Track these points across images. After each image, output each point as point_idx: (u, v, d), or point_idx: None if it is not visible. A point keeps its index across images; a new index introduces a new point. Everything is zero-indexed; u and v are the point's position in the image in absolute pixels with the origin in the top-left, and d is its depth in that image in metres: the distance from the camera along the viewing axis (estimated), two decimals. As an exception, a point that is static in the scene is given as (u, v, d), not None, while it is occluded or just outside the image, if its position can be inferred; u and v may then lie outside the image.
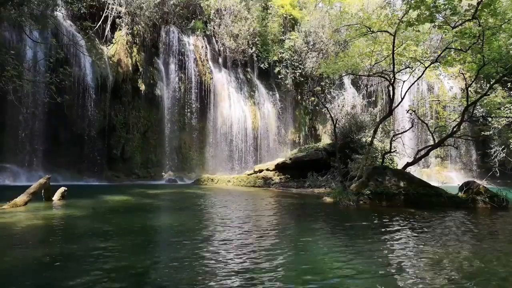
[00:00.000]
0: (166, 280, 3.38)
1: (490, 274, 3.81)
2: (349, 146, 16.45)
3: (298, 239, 5.34)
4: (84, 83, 17.87)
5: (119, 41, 20.02)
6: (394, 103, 13.44)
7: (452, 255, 4.49)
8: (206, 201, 10.62)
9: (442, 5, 10.09)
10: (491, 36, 10.22)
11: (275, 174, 17.50)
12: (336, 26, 21.00)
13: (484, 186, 10.08)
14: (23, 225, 5.89)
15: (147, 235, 5.59)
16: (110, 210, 8.08)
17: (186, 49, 22.46)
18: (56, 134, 17.32)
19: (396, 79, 12.52)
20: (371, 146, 13.28)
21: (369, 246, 4.86)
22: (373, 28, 12.04)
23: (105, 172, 18.60)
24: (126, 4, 20.14)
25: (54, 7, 15.24)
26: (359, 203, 9.52)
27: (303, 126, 27.58)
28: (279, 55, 25.79)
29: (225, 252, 4.40)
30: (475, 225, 7.12)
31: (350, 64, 14.46)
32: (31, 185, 8.25)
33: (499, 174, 19.63)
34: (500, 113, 15.82)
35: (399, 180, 10.15)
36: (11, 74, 11.73)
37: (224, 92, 23.68)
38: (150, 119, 21.17)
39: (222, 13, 24.05)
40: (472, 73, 14.32)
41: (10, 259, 4.02)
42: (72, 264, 3.80)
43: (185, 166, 22.00)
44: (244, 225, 6.51)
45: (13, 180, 15.14)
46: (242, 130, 23.68)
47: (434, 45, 20.78)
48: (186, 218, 7.23)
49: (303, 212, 8.67)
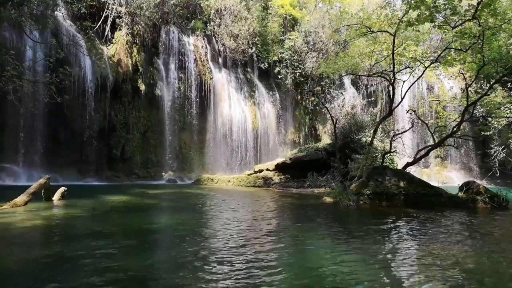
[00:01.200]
0: (166, 280, 3.38)
1: (490, 274, 3.81)
2: (349, 146, 16.44)
3: (298, 239, 5.34)
4: (84, 83, 17.86)
5: (119, 41, 20.02)
6: (394, 103, 13.43)
7: (452, 255, 4.48)
8: (206, 201, 10.62)
9: (442, 5, 10.09)
10: (491, 36, 10.22)
11: (275, 174, 17.49)
12: (336, 26, 20.98)
13: (484, 186, 10.08)
14: (23, 225, 5.89)
15: (147, 235, 5.58)
16: (110, 210, 8.08)
17: (186, 49, 22.45)
18: (56, 134, 17.32)
19: (396, 79, 12.51)
20: (371, 146, 13.27)
21: (369, 246, 4.85)
22: (373, 28, 12.03)
23: (105, 172, 18.59)
24: (126, 4, 20.13)
25: (54, 7, 15.23)
26: (359, 203, 9.52)
27: (303, 126, 27.57)
28: (279, 55, 25.78)
29: (225, 252, 4.39)
30: (475, 225, 7.13)
31: (350, 64, 14.45)
32: (31, 185, 8.25)
33: (499, 174, 19.63)
34: (500, 113, 15.81)
35: (399, 180, 10.15)
36: (11, 74, 11.72)
37: (224, 92, 23.67)
38: (150, 119, 21.16)
39: (222, 13, 24.05)
40: (472, 73, 14.32)
41: (10, 259, 4.01)
42: (72, 264, 3.80)
43: (185, 166, 21.99)
44: (244, 225, 6.51)
45: (13, 180, 15.13)
46: (242, 130, 23.67)
47: (434, 45, 20.78)
48: (186, 218, 7.22)
49: (303, 212, 8.67)
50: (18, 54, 14.19)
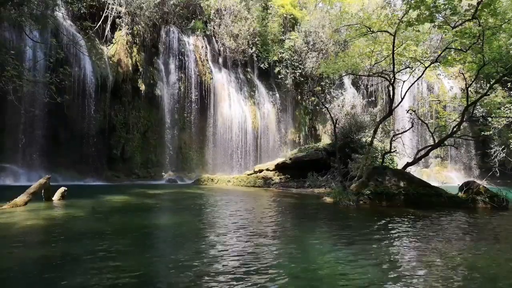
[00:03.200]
0: (167, 280, 3.38)
1: (490, 273, 3.81)
2: (349, 146, 16.44)
3: (298, 239, 5.34)
4: (84, 83, 17.85)
5: (119, 41, 20.02)
6: (394, 103, 13.43)
7: (452, 255, 4.49)
8: (206, 201, 10.62)
9: (442, 5, 10.09)
10: (491, 36, 10.22)
11: (275, 174, 17.50)
12: (336, 26, 21.00)
13: (484, 186, 10.08)
14: (23, 225, 5.89)
15: (147, 235, 5.59)
16: (110, 210, 8.08)
17: (186, 49, 22.45)
18: (56, 134, 17.30)
19: (396, 79, 12.52)
20: (371, 146, 13.27)
21: (368, 246, 4.85)
22: (373, 28, 12.04)
23: (105, 172, 18.58)
24: (126, 4, 20.13)
25: (54, 7, 15.22)
26: (359, 203, 9.52)
27: (303, 126, 27.57)
28: (279, 55, 25.78)
29: (225, 252, 4.39)
30: (475, 225, 7.13)
31: (350, 64, 14.46)
32: (31, 185, 8.25)
33: (499, 174, 19.64)
34: (500, 113, 15.82)
35: (399, 180, 10.15)
36: (11, 74, 11.71)
37: (224, 92, 23.67)
38: (150, 119, 21.16)
39: (222, 13, 24.04)
40: (472, 73, 14.33)
41: (10, 259, 4.01)
42: (72, 264, 3.80)
43: (185, 166, 21.99)
44: (244, 225, 6.51)
45: (13, 180, 15.12)
46: (242, 130, 23.67)
47: (434, 45, 20.79)
48: (186, 218, 7.22)
49: (303, 212, 8.67)
50: (18, 54, 14.18)
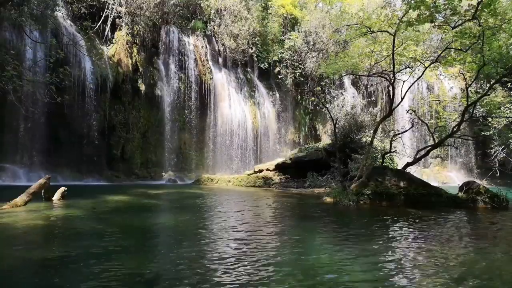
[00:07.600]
0: (167, 280, 3.38)
1: (490, 273, 3.81)
2: (349, 146, 16.41)
3: (298, 239, 5.34)
4: (84, 83, 17.85)
5: (119, 41, 20.02)
6: (394, 103, 13.42)
7: (452, 255, 4.49)
8: (206, 201, 10.62)
9: (442, 5, 10.09)
10: (491, 36, 10.21)
11: (275, 174, 17.49)
12: (336, 26, 20.97)
13: (484, 186, 10.07)
14: (23, 225, 5.89)
15: (147, 235, 5.59)
16: (110, 210, 8.08)
17: (186, 49, 22.45)
18: (56, 134, 17.30)
19: (396, 79, 12.51)
20: (371, 146, 13.25)
21: (368, 246, 4.85)
22: (373, 28, 12.03)
23: (105, 172, 18.58)
24: (126, 4, 20.13)
25: (54, 7, 15.20)
26: (359, 203, 9.52)
27: (303, 126, 27.57)
28: (279, 55, 25.78)
29: (225, 252, 4.40)
30: (475, 225, 7.13)
31: (350, 64, 14.45)
32: (31, 185, 8.25)
33: (499, 174, 19.64)
34: (500, 113, 15.84)
35: (399, 180, 10.15)
36: (11, 74, 11.70)
37: (224, 92, 23.67)
38: (150, 119, 21.16)
39: (222, 13, 24.04)
40: (472, 73, 14.32)
41: (10, 259, 4.01)
42: (72, 265, 3.80)
43: (185, 166, 21.99)
44: (244, 225, 6.51)
45: (13, 180, 15.12)
46: (242, 130, 23.67)
47: (434, 45, 20.74)
48: (186, 218, 7.22)
49: (303, 212, 8.67)
50: (18, 54, 14.19)
